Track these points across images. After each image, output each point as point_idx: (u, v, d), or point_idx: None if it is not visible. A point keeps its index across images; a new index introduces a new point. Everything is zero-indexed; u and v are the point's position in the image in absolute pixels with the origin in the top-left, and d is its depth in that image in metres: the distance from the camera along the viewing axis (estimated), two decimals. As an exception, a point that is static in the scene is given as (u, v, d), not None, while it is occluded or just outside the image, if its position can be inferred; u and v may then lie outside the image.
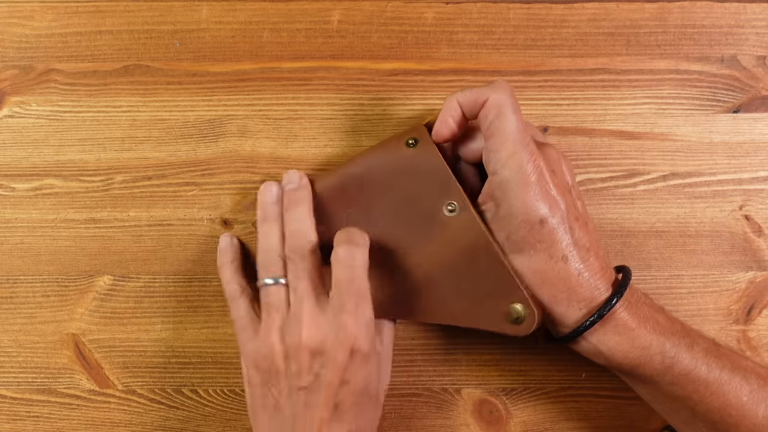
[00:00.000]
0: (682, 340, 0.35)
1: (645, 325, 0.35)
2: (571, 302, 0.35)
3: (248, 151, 0.45)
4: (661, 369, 0.35)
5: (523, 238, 0.35)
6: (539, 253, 0.35)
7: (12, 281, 0.45)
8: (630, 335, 0.35)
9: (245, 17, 0.45)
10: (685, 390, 0.35)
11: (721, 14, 0.45)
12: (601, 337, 0.35)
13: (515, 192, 0.34)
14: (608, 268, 0.37)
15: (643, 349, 0.35)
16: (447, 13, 0.45)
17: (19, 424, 0.44)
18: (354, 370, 0.34)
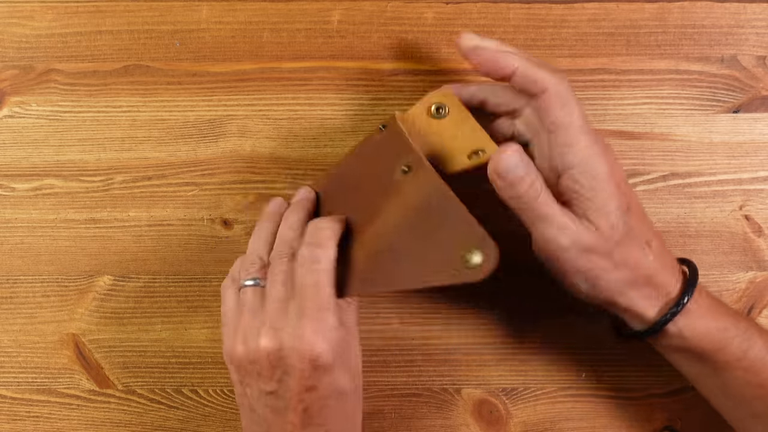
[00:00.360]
0: (751, 325, 0.36)
1: (719, 309, 0.36)
2: (658, 289, 0.35)
3: (248, 151, 0.45)
4: (739, 353, 0.35)
5: (623, 225, 0.34)
6: (631, 241, 0.35)
7: (12, 281, 0.45)
8: (711, 317, 0.35)
9: (245, 17, 0.45)
10: (759, 377, 0.35)
11: (721, 14, 0.45)
12: (687, 322, 0.35)
13: (603, 181, 0.34)
14: (672, 255, 0.37)
15: (724, 330, 0.35)
16: (447, 13, 0.45)
17: (19, 424, 0.44)
18: (317, 377, 0.33)
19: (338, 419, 0.34)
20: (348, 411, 0.35)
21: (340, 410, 0.34)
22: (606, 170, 0.34)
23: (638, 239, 0.35)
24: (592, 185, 0.34)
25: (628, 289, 0.35)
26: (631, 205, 0.35)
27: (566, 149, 0.34)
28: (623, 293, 0.35)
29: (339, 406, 0.34)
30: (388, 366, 0.44)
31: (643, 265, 0.35)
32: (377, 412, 0.44)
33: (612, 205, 0.34)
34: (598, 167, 0.34)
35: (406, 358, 0.44)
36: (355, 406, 0.35)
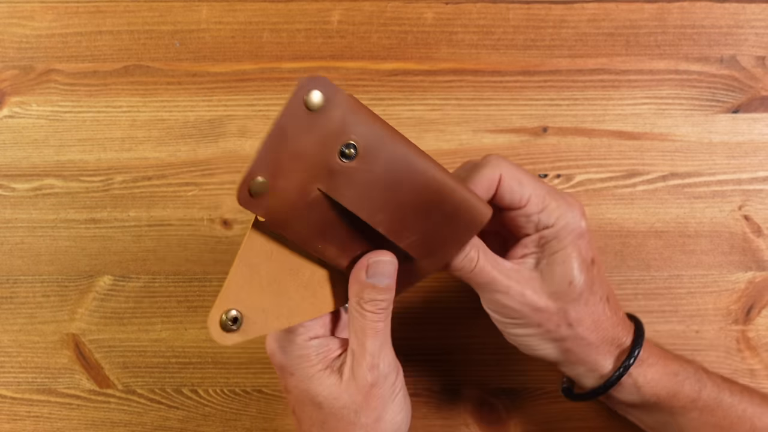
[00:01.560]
0: (698, 366, 0.37)
1: (666, 355, 0.36)
2: (613, 343, 0.36)
3: (248, 151, 0.45)
4: (693, 395, 0.35)
5: (584, 281, 0.34)
6: (593, 296, 0.35)
7: (12, 281, 0.45)
8: (660, 364, 0.36)
9: (245, 17, 0.45)
10: (714, 416, 0.35)
11: (720, 15, 0.45)
12: (641, 371, 0.35)
13: (575, 237, 0.34)
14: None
15: (675, 375, 0.35)
16: (447, 14, 0.45)
17: (19, 424, 0.44)
18: (284, 378, 0.34)
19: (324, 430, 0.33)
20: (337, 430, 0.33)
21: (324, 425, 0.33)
22: (573, 226, 0.34)
23: (598, 294, 0.35)
24: (562, 241, 0.34)
25: (584, 344, 0.35)
26: (596, 260, 0.35)
27: (544, 214, 0.34)
28: (578, 348, 0.35)
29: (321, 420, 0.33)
30: (388, 366, 0.44)
31: (602, 321, 0.35)
32: (377, 411, 0.44)
33: (579, 259, 0.34)
34: (568, 226, 0.34)
35: (406, 358, 0.44)
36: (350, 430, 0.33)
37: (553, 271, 0.34)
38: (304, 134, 0.29)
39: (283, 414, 0.44)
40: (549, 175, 0.45)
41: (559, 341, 0.35)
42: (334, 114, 0.29)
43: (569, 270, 0.34)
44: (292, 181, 0.30)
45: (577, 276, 0.34)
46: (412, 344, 0.44)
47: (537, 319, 0.34)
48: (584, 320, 0.35)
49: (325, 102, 0.29)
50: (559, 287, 0.34)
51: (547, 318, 0.34)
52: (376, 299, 0.32)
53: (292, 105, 0.28)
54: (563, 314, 0.34)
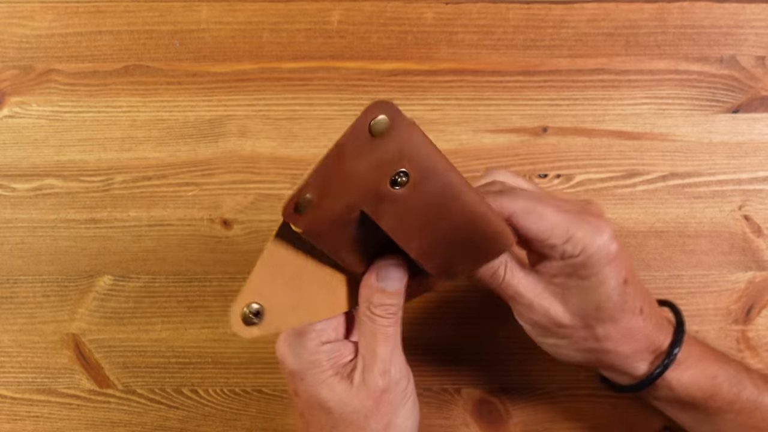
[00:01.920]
0: (740, 368, 0.36)
1: (707, 357, 0.36)
2: (647, 352, 0.35)
3: (248, 151, 0.45)
4: (730, 398, 0.35)
5: (615, 303, 0.34)
6: (625, 313, 0.34)
7: (12, 281, 0.45)
8: (699, 367, 0.35)
9: (245, 17, 0.45)
10: (752, 418, 0.35)
11: (720, 15, 0.45)
12: (676, 374, 0.35)
13: (606, 262, 0.33)
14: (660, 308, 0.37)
15: (713, 378, 0.35)
16: (447, 14, 0.45)
17: (19, 424, 0.44)
18: (293, 382, 0.34)
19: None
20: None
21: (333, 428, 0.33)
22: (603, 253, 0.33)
23: (631, 310, 0.35)
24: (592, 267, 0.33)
25: (615, 356, 0.35)
26: (628, 277, 0.34)
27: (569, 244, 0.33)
28: (610, 358, 0.35)
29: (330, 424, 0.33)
30: (388, 366, 0.44)
31: (634, 333, 0.35)
32: (377, 411, 0.44)
33: (610, 284, 0.33)
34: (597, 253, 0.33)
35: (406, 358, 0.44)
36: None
37: (582, 295, 0.34)
38: (360, 157, 0.29)
39: (283, 414, 0.44)
40: (549, 175, 0.45)
41: (589, 352, 0.35)
42: (394, 141, 0.29)
43: (597, 297, 0.33)
44: (339, 201, 0.29)
45: (606, 300, 0.33)
46: (412, 344, 0.44)
47: (562, 332, 0.35)
48: (613, 336, 0.34)
49: (389, 128, 0.28)
50: (586, 310, 0.34)
51: (572, 332, 0.34)
52: (386, 303, 0.32)
53: (356, 128, 0.28)
54: (590, 331, 0.34)
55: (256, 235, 0.44)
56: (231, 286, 0.44)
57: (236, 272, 0.44)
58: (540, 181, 0.45)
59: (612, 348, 0.35)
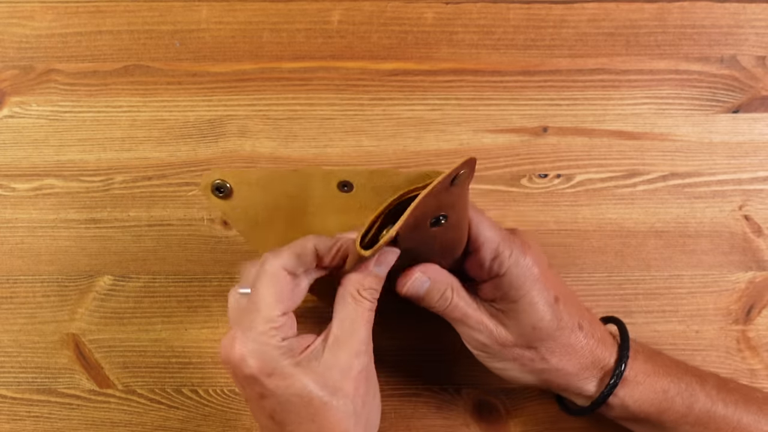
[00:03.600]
0: (692, 379, 0.36)
1: (657, 371, 0.36)
2: (594, 368, 0.36)
3: (248, 151, 0.45)
4: (683, 411, 0.35)
5: (549, 322, 0.35)
6: (562, 330, 0.35)
7: (12, 281, 0.45)
8: (648, 382, 0.36)
9: (245, 17, 0.45)
10: (708, 429, 0.35)
11: (720, 14, 0.45)
12: (627, 391, 0.36)
13: (531, 284, 0.35)
14: (603, 325, 0.38)
15: (664, 392, 0.36)
16: (447, 13, 0.45)
17: (19, 424, 0.44)
18: (261, 385, 0.33)
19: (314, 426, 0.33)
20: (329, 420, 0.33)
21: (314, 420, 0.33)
22: (527, 275, 0.34)
23: (569, 327, 0.35)
24: (521, 287, 0.35)
25: (563, 374, 0.36)
26: (558, 295, 0.35)
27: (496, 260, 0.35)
28: (558, 378, 0.36)
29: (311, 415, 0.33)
30: (388, 366, 0.44)
31: (577, 350, 0.36)
32: (377, 412, 0.44)
33: (539, 304, 0.35)
34: (524, 272, 0.34)
35: (406, 358, 0.44)
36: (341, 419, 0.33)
37: (517, 317, 0.35)
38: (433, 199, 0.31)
39: (283, 414, 0.44)
40: (549, 175, 0.45)
41: (537, 373, 0.36)
42: (457, 190, 0.31)
43: (531, 315, 0.35)
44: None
45: (540, 318, 0.35)
46: (412, 344, 0.44)
47: (510, 355, 0.36)
48: (557, 352, 0.35)
49: (461, 182, 0.31)
50: (524, 330, 0.35)
51: (519, 353, 0.36)
52: (374, 288, 0.34)
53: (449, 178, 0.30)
54: (534, 351, 0.36)
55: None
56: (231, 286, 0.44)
57: (236, 272, 0.44)
58: (540, 181, 0.45)
59: (558, 366, 0.36)
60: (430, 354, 0.44)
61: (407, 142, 0.45)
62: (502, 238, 0.35)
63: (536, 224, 0.45)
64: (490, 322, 0.36)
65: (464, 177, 0.31)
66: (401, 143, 0.45)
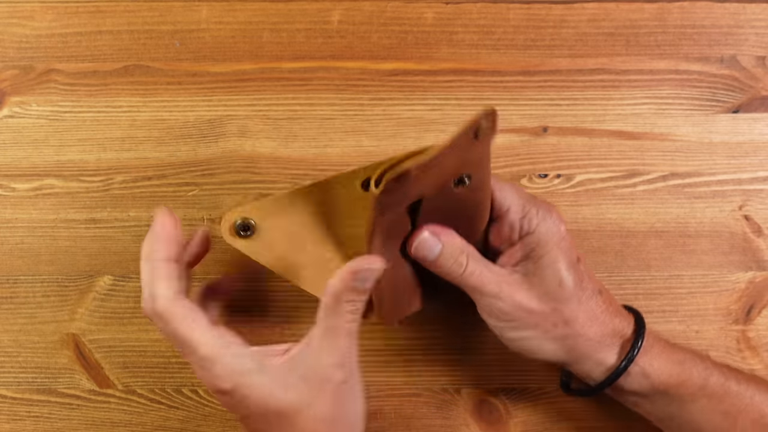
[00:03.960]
0: (704, 356, 0.37)
1: (671, 345, 0.37)
2: (614, 335, 0.36)
3: (248, 151, 0.45)
4: (701, 383, 0.35)
5: (573, 280, 0.35)
6: (584, 292, 0.36)
7: (12, 281, 0.45)
8: (667, 352, 0.36)
9: (245, 17, 0.45)
10: (723, 404, 0.35)
11: (720, 14, 0.45)
12: (647, 360, 0.36)
13: (558, 240, 0.35)
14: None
15: (681, 363, 0.36)
16: (447, 13, 0.45)
17: (19, 424, 0.44)
18: (236, 403, 0.33)
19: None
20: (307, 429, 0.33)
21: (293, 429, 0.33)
22: (554, 231, 0.35)
23: (590, 289, 0.36)
24: (546, 245, 0.35)
25: (584, 341, 0.36)
26: (581, 258, 0.36)
27: (525, 220, 0.36)
28: (579, 345, 0.36)
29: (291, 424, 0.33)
30: (388, 366, 0.44)
31: (598, 315, 0.36)
32: (377, 412, 0.44)
33: (565, 261, 0.35)
34: (550, 230, 0.35)
35: (406, 358, 0.44)
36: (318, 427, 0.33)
37: (542, 275, 0.35)
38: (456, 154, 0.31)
39: (283, 414, 0.44)
40: (549, 175, 0.45)
41: (560, 340, 0.35)
42: (481, 147, 0.32)
43: (557, 271, 0.35)
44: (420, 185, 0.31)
45: (566, 276, 0.35)
46: (412, 344, 0.44)
47: (532, 320, 0.35)
48: (580, 317, 0.35)
49: (485, 135, 0.31)
50: (549, 288, 0.35)
51: (542, 319, 0.35)
52: (355, 300, 0.33)
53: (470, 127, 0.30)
54: (558, 314, 0.35)
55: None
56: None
57: (236, 272, 0.44)
58: (540, 181, 0.45)
59: (581, 331, 0.35)
60: (430, 354, 0.44)
61: (407, 142, 0.45)
62: (527, 198, 0.36)
63: (536, 224, 0.45)
64: (509, 287, 0.35)
65: (487, 131, 0.31)
66: (401, 143, 0.45)
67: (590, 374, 0.37)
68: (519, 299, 0.35)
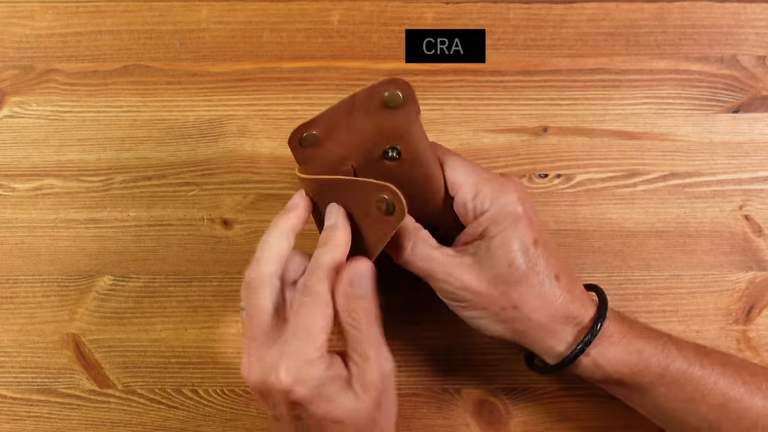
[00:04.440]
0: (669, 342, 0.36)
1: (632, 332, 0.36)
2: (568, 322, 0.35)
3: (248, 151, 0.45)
4: (659, 372, 0.35)
5: (525, 262, 0.34)
6: (538, 275, 0.35)
7: (12, 281, 0.45)
8: (624, 342, 0.35)
9: (245, 17, 0.45)
10: (684, 391, 0.35)
11: (721, 14, 0.45)
12: (600, 350, 0.35)
13: (512, 221, 0.34)
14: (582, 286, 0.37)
15: (639, 353, 0.35)
16: (447, 13, 0.45)
17: (19, 424, 0.44)
18: (299, 409, 0.32)
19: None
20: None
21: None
22: (508, 210, 0.34)
23: (544, 274, 0.35)
24: (500, 224, 0.34)
25: (534, 326, 0.35)
26: (539, 240, 0.35)
27: (479, 198, 0.35)
28: (529, 329, 0.35)
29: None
30: (388, 366, 0.44)
31: (551, 301, 0.35)
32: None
33: (517, 241, 0.34)
34: (505, 209, 0.34)
35: (406, 358, 0.44)
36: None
37: (492, 255, 0.34)
38: (367, 118, 0.32)
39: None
40: (549, 175, 0.45)
41: (508, 323, 0.35)
42: (399, 119, 0.32)
43: (507, 252, 0.34)
44: (337, 148, 0.34)
45: (517, 258, 0.34)
46: (412, 344, 0.44)
47: (481, 302, 0.35)
48: (529, 302, 0.34)
49: (399, 106, 0.32)
50: (499, 270, 0.34)
51: (491, 302, 0.35)
52: (365, 308, 0.33)
53: (373, 90, 0.32)
54: (506, 297, 0.34)
55: (256, 235, 0.44)
56: (231, 286, 0.44)
57: (236, 272, 0.44)
58: (540, 181, 0.45)
59: (530, 316, 0.35)
60: (430, 354, 0.44)
61: (407, 142, 0.45)
62: (480, 176, 0.35)
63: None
64: (459, 270, 0.35)
65: (403, 103, 0.32)
66: (401, 143, 0.45)
67: (543, 357, 0.37)
68: (467, 282, 0.35)
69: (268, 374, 0.32)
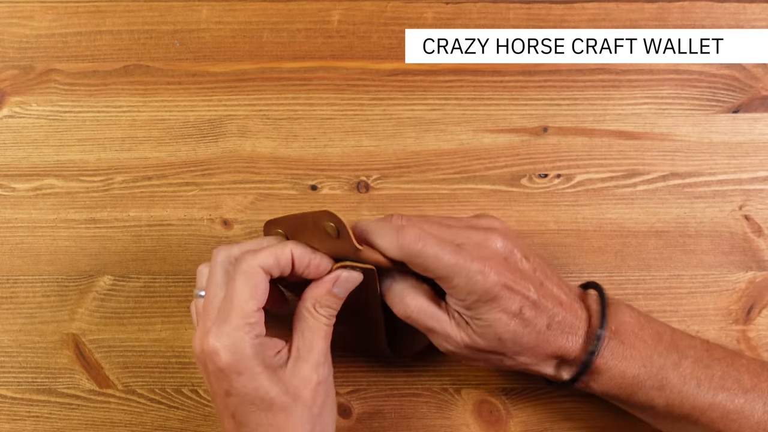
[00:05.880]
0: (668, 359, 0.36)
1: (631, 353, 0.36)
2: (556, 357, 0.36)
3: (248, 151, 0.45)
4: (655, 393, 0.35)
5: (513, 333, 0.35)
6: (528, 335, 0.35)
7: (12, 281, 0.45)
8: (619, 368, 0.35)
9: (245, 17, 0.45)
10: (682, 408, 0.35)
11: (720, 14, 0.45)
12: (593, 377, 0.36)
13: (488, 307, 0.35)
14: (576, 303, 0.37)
15: (634, 378, 0.35)
16: (447, 13, 0.45)
17: (19, 424, 0.44)
18: (228, 380, 0.33)
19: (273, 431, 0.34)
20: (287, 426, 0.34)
21: (272, 424, 0.34)
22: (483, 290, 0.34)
23: (537, 330, 0.35)
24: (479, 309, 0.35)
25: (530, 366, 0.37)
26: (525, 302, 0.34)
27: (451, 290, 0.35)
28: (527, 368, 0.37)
29: (270, 419, 0.33)
30: (388, 366, 0.44)
31: (544, 348, 0.36)
32: (377, 412, 0.44)
33: (502, 319, 0.34)
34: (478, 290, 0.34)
35: (406, 358, 0.44)
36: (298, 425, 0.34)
37: (482, 331, 0.35)
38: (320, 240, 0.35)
39: (283, 414, 0.44)
40: (549, 175, 0.45)
41: (505, 368, 0.38)
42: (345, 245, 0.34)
43: (494, 331, 0.35)
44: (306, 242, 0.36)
45: (504, 333, 0.35)
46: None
47: (479, 357, 0.37)
48: (524, 352, 0.36)
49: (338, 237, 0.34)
50: (491, 343, 0.35)
51: (487, 357, 0.36)
52: (332, 306, 0.35)
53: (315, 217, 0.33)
54: (500, 354, 0.36)
55: (256, 235, 0.44)
56: (231, 286, 0.44)
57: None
58: (540, 181, 0.45)
59: (526, 362, 0.36)
60: (430, 354, 0.44)
61: (407, 142, 0.45)
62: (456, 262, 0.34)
63: (536, 224, 0.45)
64: (457, 330, 0.36)
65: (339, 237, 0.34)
66: (401, 143, 0.45)
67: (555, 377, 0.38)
68: (468, 341, 0.36)
69: (202, 341, 0.34)
